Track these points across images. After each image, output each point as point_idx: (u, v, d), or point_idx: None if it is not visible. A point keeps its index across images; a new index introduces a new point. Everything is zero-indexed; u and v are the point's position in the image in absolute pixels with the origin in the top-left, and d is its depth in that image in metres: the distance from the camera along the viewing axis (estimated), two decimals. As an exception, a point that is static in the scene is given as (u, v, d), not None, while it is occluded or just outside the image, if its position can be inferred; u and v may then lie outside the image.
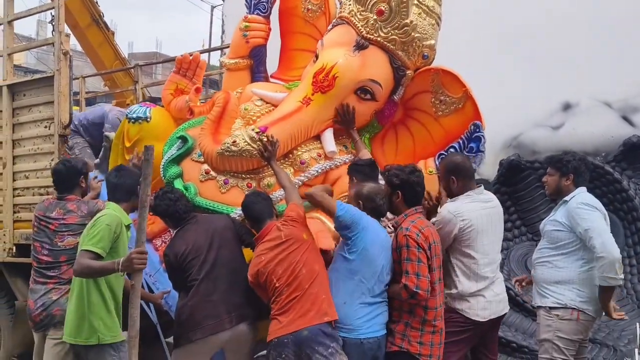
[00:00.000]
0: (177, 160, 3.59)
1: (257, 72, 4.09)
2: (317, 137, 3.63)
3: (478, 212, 3.16)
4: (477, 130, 3.43)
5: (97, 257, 2.84)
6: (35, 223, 3.57)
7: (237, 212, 3.36)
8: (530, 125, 5.91)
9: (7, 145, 4.48)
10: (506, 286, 5.23)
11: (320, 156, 3.58)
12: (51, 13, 4.51)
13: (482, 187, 3.28)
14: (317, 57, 3.67)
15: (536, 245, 3.54)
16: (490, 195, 3.34)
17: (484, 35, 6.03)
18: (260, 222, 3.11)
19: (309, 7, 4.06)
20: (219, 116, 3.55)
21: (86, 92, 7.85)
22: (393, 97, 3.70)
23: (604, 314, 3.23)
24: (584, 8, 5.65)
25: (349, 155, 3.65)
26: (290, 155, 3.56)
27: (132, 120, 3.81)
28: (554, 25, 5.75)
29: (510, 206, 5.85)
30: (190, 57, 4.15)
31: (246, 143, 3.40)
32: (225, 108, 3.56)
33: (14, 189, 4.46)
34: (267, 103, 3.71)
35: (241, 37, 4.03)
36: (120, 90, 7.98)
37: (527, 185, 5.76)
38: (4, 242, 4.41)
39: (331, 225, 3.31)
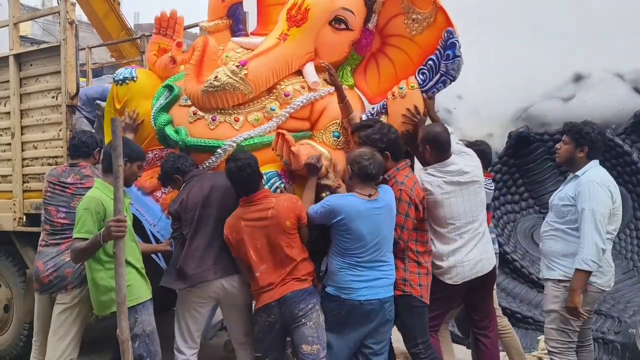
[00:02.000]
0: (166, 108, 3.67)
1: (237, 30, 4.15)
2: (300, 73, 3.71)
3: (438, 183, 3.24)
4: (451, 36, 3.43)
5: (87, 240, 2.91)
6: (49, 188, 3.63)
7: (226, 144, 3.47)
8: (541, 97, 5.86)
9: (15, 115, 4.47)
10: (512, 257, 5.36)
11: (303, 88, 3.65)
12: (56, -18, 4.43)
13: (450, 158, 3.28)
14: None
15: (543, 218, 3.55)
16: (463, 164, 3.30)
17: (494, 5, 5.93)
18: (252, 192, 3.16)
19: None
20: (200, 59, 3.59)
21: (93, 63, 7.79)
22: (367, 25, 3.78)
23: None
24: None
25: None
26: (274, 90, 3.63)
27: (120, 82, 3.87)
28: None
29: (518, 178, 5.85)
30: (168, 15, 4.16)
31: (228, 76, 3.46)
32: (205, 51, 3.60)
33: (23, 159, 4.46)
34: (247, 50, 3.76)
35: None
36: (126, 61, 7.92)
37: (536, 158, 5.75)
38: (14, 211, 4.44)
39: (322, 149, 3.46)
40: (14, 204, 4.46)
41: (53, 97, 4.30)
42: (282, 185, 3.40)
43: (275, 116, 3.55)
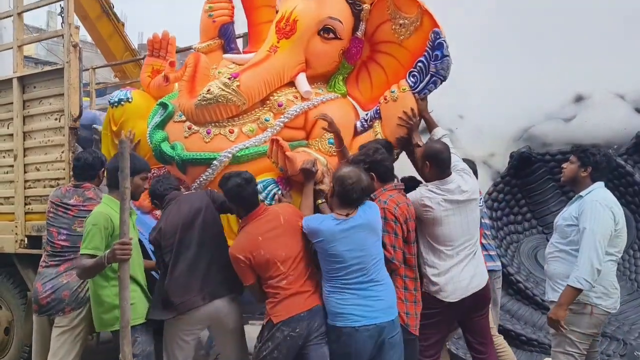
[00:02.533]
0: (161, 125, 3.76)
1: (229, 49, 4.24)
2: (292, 84, 3.76)
3: (438, 200, 3.23)
4: (438, 36, 3.48)
5: (94, 257, 2.88)
6: (52, 209, 3.64)
7: (222, 155, 3.52)
8: (542, 117, 5.86)
9: (18, 137, 4.50)
10: (515, 279, 5.31)
11: (297, 98, 3.70)
12: (61, 5, 4.49)
13: (450, 176, 3.29)
14: (277, 12, 3.85)
15: (547, 238, 3.54)
16: (462, 183, 3.31)
17: (495, 26, 5.96)
18: (255, 207, 3.14)
19: None
20: (192, 75, 3.66)
21: (96, 84, 7.86)
22: (356, 34, 3.84)
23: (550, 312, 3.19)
24: (598, 0, 5.56)
25: (328, 95, 3.80)
26: (268, 101, 3.70)
27: (115, 104, 3.97)
28: (567, 17, 5.67)
29: (520, 199, 5.82)
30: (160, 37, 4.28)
31: (220, 89, 3.51)
32: (197, 67, 3.67)
33: (25, 181, 4.48)
34: (239, 65, 3.82)
35: (207, 18, 4.22)
36: (130, 81, 7.98)
37: (538, 178, 5.72)
38: (16, 233, 4.45)
39: (317, 155, 3.49)
40: (16, 226, 4.46)
41: (56, 119, 4.33)
42: (280, 192, 3.40)
43: (269, 126, 3.60)
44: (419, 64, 3.56)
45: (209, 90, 3.52)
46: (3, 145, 4.66)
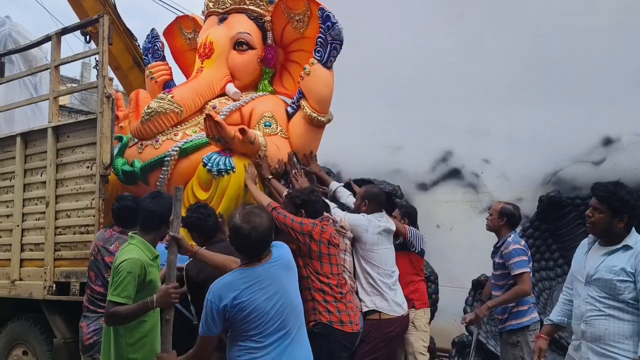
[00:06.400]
0: (120, 153, 4.37)
1: None
2: (224, 95, 4.51)
3: (377, 224, 3.96)
4: (324, 11, 4.16)
5: (123, 305, 2.82)
6: (94, 252, 3.67)
7: (171, 150, 4.11)
8: (570, 160, 5.77)
9: (50, 185, 4.60)
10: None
11: (228, 100, 4.44)
12: (95, 58, 4.67)
13: (383, 212, 4.12)
14: None
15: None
16: (387, 219, 4.10)
17: (522, 69, 5.99)
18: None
19: (188, 36, 5.21)
20: (135, 106, 4.45)
21: (126, 132, 8.06)
22: (267, 42, 4.62)
23: None
24: (625, 43, 5.56)
25: (255, 94, 4.53)
26: (204, 109, 4.37)
27: None
28: (594, 61, 5.67)
29: (551, 244, 5.65)
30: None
31: (157, 102, 4.25)
32: (138, 98, 4.50)
33: (56, 228, 4.55)
34: None
35: (150, 81, 5.04)
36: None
37: (569, 223, 5.56)
38: (45, 280, 4.49)
39: (255, 131, 4.07)
40: (45, 272, 4.51)
41: (88, 167, 4.43)
42: (225, 159, 3.83)
43: None
44: (319, 39, 4.18)
45: (148, 106, 4.23)
46: (36, 193, 4.78)
